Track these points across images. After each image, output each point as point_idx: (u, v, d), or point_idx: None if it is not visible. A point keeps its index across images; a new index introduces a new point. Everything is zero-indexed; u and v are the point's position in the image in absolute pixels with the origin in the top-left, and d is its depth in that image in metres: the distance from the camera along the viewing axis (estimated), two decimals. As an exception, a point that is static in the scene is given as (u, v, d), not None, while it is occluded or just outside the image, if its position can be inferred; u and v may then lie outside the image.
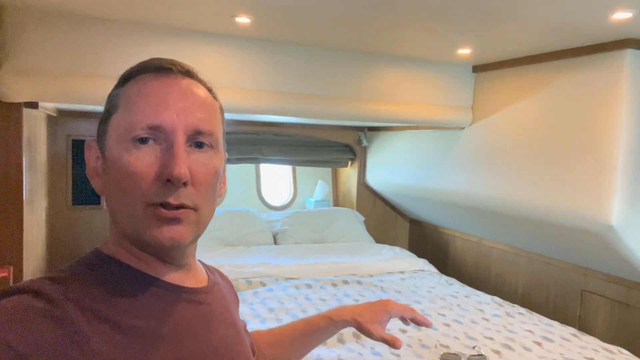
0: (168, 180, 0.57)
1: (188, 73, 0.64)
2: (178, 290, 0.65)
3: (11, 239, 2.17)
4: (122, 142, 0.59)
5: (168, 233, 0.59)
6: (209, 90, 0.67)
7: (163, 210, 0.58)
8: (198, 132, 0.61)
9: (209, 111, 0.64)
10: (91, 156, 0.65)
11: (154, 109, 0.59)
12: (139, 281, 0.62)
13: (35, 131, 2.53)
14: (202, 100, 0.63)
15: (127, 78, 0.64)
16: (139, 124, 0.58)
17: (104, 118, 0.63)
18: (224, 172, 0.69)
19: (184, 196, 0.59)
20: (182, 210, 0.59)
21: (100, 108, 0.66)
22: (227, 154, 0.70)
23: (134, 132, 0.58)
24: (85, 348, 0.52)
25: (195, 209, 0.60)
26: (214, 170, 0.63)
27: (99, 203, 3.25)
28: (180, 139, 0.59)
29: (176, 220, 0.59)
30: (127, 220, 0.60)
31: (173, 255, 0.64)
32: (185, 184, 0.58)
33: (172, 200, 0.58)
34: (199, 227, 0.63)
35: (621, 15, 1.76)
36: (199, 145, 0.61)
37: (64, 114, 3.09)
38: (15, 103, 2.10)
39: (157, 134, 0.59)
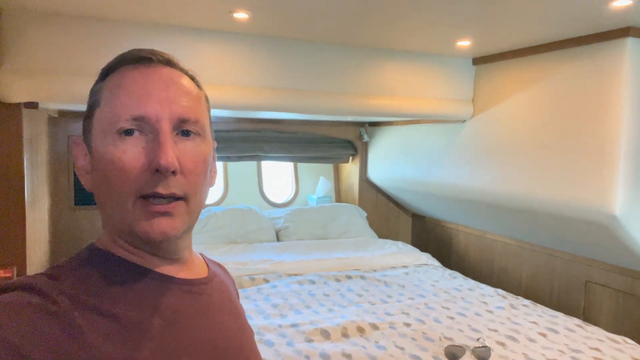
0: (157, 170, 0.57)
1: (169, 62, 0.63)
2: (173, 281, 0.64)
3: (14, 239, 2.18)
4: (107, 136, 0.58)
5: (158, 227, 0.58)
6: (192, 78, 0.66)
7: (153, 203, 0.57)
8: (183, 120, 0.60)
9: (193, 99, 0.63)
10: (79, 153, 0.64)
11: (136, 99, 0.58)
12: (133, 273, 0.62)
13: (36, 132, 2.53)
14: (185, 88, 0.62)
15: (107, 71, 0.63)
16: (123, 115, 0.58)
17: (88, 114, 0.63)
18: (213, 161, 0.68)
19: (174, 185, 0.58)
20: (173, 204, 0.58)
21: None
22: (215, 142, 0.69)
23: (118, 125, 0.58)
24: (80, 341, 0.52)
25: (185, 199, 0.60)
26: (203, 157, 0.62)
27: (101, 203, 3.25)
28: (166, 128, 0.58)
29: (166, 214, 0.58)
30: (118, 214, 0.59)
31: (165, 248, 0.64)
32: (174, 172, 0.57)
33: (161, 190, 0.57)
34: (190, 218, 0.62)
35: (621, 3, 1.75)
36: (186, 133, 0.61)
37: (65, 114, 3.09)
38: (15, 103, 2.10)
39: (142, 125, 0.58)
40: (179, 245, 0.66)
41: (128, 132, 0.58)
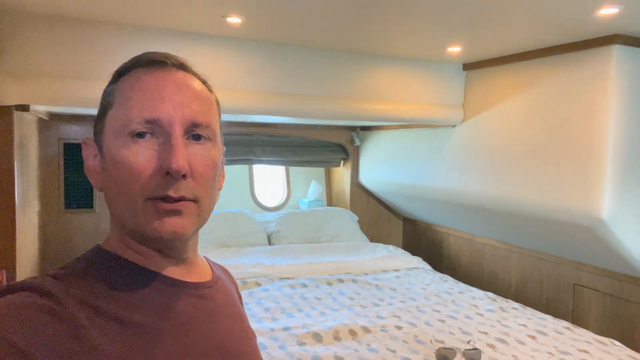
0: (167, 174, 0.57)
1: (182, 66, 0.64)
2: (180, 285, 0.64)
3: (4, 242, 2.16)
4: (120, 138, 0.59)
5: (169, 226, 0.58)
6: (204, 82, 0.66)
7: (163, 203, 0.58)
8: (195, 125, 0.61)
9: (205, 103, 0.64)
10: (89, 154, 0.64)
11: (150, 102, 0.59)
12: (140, 276, 0.62)
13: (26, 134, 2.52)
14: (198, 92, 0.63)
15: (121, 73, 0.64)
16: (136, 118, 0.58)
17: (100, 115, 0.63)
18: (222, 165, 0.69)
19: (184, 189, 0.59)
20: (182, 202, 0.59)
21: (92, 111, 0.66)
22: (224, 147, 0.70)
23: (131, 127, 0.58)
24: (87, 343, 0.51)
25: (195, 201, 0.60)
26: (213, 162, 0.63)
27: (91, 207, 3.23)
28: (178, 131, 0.59)
29: (176, 212, 0.59)
30: (128, 215, 0.60)
31: (174, 247, 0.64)
32: (184, 176, 0.58)
33: (172, 193, 0.58)
34: (200, 219, 0.63)
35: (607, 11, 1.79)
36: (197, 137, 0.61)
37: (55, 117, 3.07)
38: (6, 106, 2.09)
39: (155, 128, 0.59)
40: (187, 245, 0.66)
41: (140, 135, 0.58)
